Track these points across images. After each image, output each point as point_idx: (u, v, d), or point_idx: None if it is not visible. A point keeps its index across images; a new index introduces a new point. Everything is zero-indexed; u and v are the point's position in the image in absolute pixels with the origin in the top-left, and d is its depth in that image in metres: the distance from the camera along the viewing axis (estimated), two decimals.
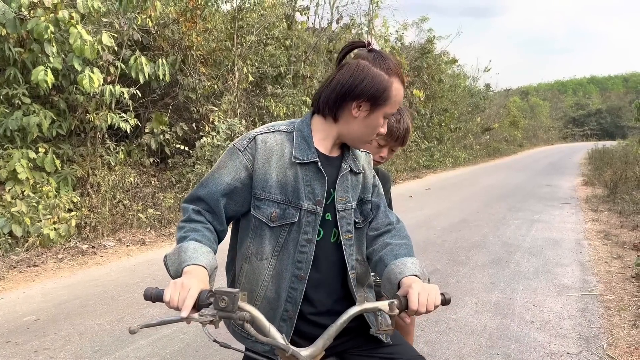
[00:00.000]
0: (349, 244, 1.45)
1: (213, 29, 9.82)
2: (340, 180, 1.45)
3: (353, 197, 1.49)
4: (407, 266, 1.34)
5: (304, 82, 11.95)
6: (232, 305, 1.06)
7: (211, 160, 8.46)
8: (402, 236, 1.51)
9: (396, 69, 1.38)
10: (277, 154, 1.37)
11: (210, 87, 9.50)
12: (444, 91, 21.39)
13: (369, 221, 1.56)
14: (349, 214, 1.46)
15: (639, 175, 11.99)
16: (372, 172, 1.61)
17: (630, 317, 4.06)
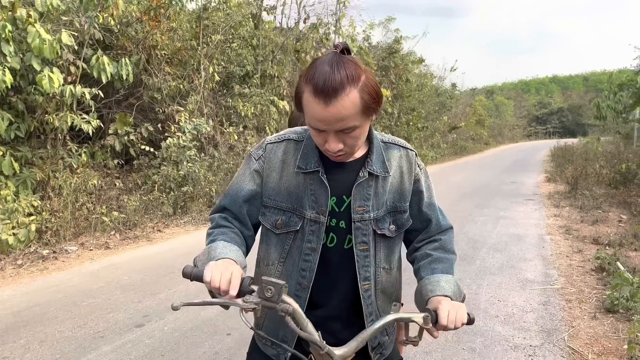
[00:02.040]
0: (363, 255, 1.38)
1: (178, 28, 9.68)
2: (358, 187, 1.36)
3: (376, 206, 1.39)
4: (440, 285, 1.33)
5: (271, 82, 11.90)
6: (277, 296, 1.08)
7: (177, 161, 8.34)
8: (446, 250, 1.46)
9: (314, 82, 1.17)
10: (285, 163, 1.39)
11: (176, 87, 9.36)
12: (411, 90, 21.64)
13: (412, 230, 1.49)
14: (366, 225, 1.38)
15: (599, 172, 12.38)
16: (414, 176, 1.46)
17: (590, 309, 4.19)
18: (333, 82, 1.15)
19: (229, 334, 3.73)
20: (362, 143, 1.33)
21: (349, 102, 1.17)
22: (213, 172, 9.18)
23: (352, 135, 1.24)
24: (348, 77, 1.16)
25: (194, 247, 6.31)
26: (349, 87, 1.16)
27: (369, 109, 1.22)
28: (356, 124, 1.21)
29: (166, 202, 7.96)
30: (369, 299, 1.41)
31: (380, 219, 1.39)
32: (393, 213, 1.42)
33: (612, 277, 4.73)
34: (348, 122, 1.19)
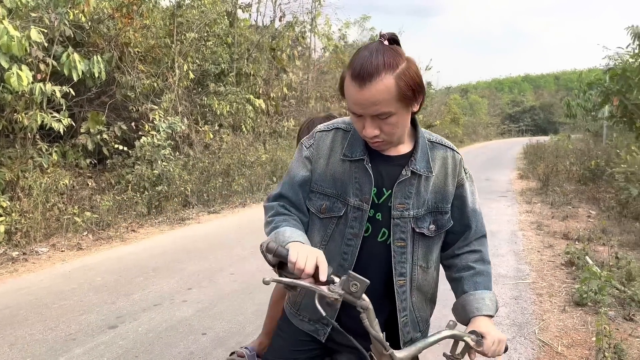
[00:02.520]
0: (400, 251, 1.41)
1: (151, 25, 9.56)
2: (400, 185, 1.39)
3: (417, 205, 1.41)
4: (485, 303, 1.41)
5: (247, 80, 11.85)
6: (360, 292, 1.13)
7: (151, 160, 8.23)
8: (485, 261, 1.50)
9: (352, 67, 1.25)
10: (332, 150, 1.45)
11: (150, 85, 9.23)
12: None
13: (452, 231, 1.51)
14: (405, 222, 1.40)
15: (569, 169, 12.66)
16: (459, 179, 1.47)
17: (560, 303, 4.29)
18: (369, 66, 1.21)
19: (205, 333, 3.70)
20: (401, 133, 1.35)
21: (383, 87, 1.21)
22: (188, 171, 9.10)
23: (388, 122, 1.28)
24: (385, 64, 1.21)
25: (169, 246, 6.24)
26: (385, 73, 1.21)
27: (406, 98, 1.25)
28: (391, 110, 1.24)
29: (140, 202, 7.86)
30: (403, 295, 1.43)
31: (420, 218, 1.41)
32: (434, 213, 1.44)
33: (581, 271, 4.85)
34: (382, 107, 1.23)
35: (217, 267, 5.31)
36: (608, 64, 11.76)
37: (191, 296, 4.47)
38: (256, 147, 11.17)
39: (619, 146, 10.59)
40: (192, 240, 6.56)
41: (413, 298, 1.46)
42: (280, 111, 13.17)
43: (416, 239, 1.42)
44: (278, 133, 12.74)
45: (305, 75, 14.92)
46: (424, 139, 1.44)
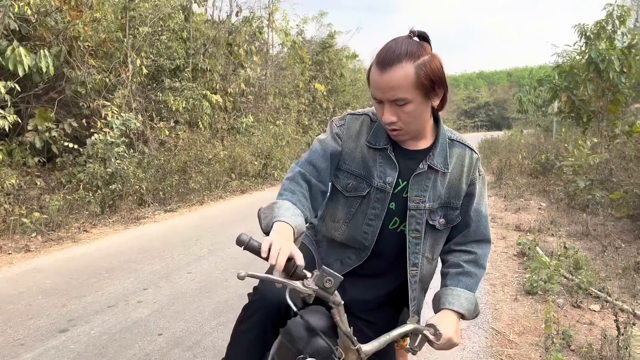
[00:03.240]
0: (414, 242, 1.48)
1: (102, 18, 9.25)
2: (416, 178, 1.46)
3: (432, 198, 1.47)
4: (459, 300, 1.45)
5: (204, 76, 11.65)
6: (333, 288, 1.15)
7: (104, 158, 7.98)
8: (478, 264, 1.53)
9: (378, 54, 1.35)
10: (360, 134, 1.52)
11: (101, 80, 8.94)
12: (346, 85, 21.89)
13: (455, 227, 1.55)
14: (421, 214, 1.46)
15: (521, 163, 13.07)
16: (472, 178, 1.52)
17: (512, 292, 4.43)
18: (392, 53, 1.30)
19: (161, 334, 3.63)
20: (419, 125, 1.41)
21: (402, 73, 1.29)
22: (143, 169, 8.88)
23: (405, 110, 1.34)
24: (407, 52, 1.29)
25: (123, 246, 6.08)
26: (406, 61, 1.29)
27: (424, 88, 1.31)
28: (407, 96, 1.31)
29: (93, 201, 7.62)
30: (415, 285, 1.50)
31: (434, 211, 1.48)
32: (445, 207, 1.50)
33: (531, 261, 5.02)
34: (399, 93, 1.30)
35: (174, 267, 5.21)
36: (557, 61, 12.21)
37: (147, 296, 4.37)
38: (214, 144, 11.01)
39: (567, 140, 11.01)
40: (148, 240, 6.41)
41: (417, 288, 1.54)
42: (238, 107, 13.02)
43: (427, 231, 1.49)
44: (236, 129, 12.60)
45: (264, 71, 14.81)
46: (444, 136, 1.50)
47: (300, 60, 16.17)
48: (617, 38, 10.19)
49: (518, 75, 77.61)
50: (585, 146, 8.43)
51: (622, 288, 4.34)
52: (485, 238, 1.56)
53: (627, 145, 7.98)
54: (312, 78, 17.70)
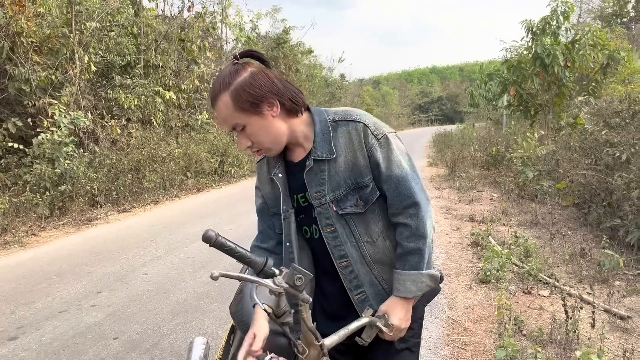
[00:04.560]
0: (331, 236, 1.45)
1: (46, 13, 8.89)
2: (309, 176, 1.44)
3: (333, 187, 1.42)
4: (405, 285, 1.42)
5: (156, 72, 11.38)
6: (303, 286, 1.16)
7: (52, 158, 7.68)
8: (417, 236, 1.41)
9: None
10: (266, 174, 1.56)
11: (47, 77, 8.60)
12: (301, 81, 21.87)
13: (383, 202, 1.46)
14: (326, 208, 1.43)
15: (474, 155, 13.42)
16: (368, 149, 1.41)
17: (467, 282, 4.55)
18: (213, 90, 1.36)
19: (116, 337, 3.54)
20: (275, 136, 1.40)
21: (222, 106, 1.34)
22: (94, 169, 8.60)
23: (250, 133, 1.37)
24: (221, 83, 1.34)
25: (75, 249, 5.88)
26: (222, 92, 1.33)
27: (247, 108, 1.33)
28: (238, 122, 1.34)
29: (41, 203, 7.32)
30: (350, 275, 1.47)
31: (342, 199, 1.43)
32: (356, 189, 1.43)
33: (484, 251, 5.17)
34: (230, 121, 1.35)
35: (129, 268, 5.08)
36: (505, 56, 12.59)
37: (101, 300, 4.24)
38: (168, 142, 10.78)
39: (516, 133, 11.37)
40: (101, 242, 6.22)
41: (375, 272, 1.48)
42: (192, 104, 12.79)
43: (348, 219, 1.44)
44: (191, 127, 12.38)
45: (218, 67, 14.60)
46: (323, 123, 1.45)
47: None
48: (561, 33, 10.58)
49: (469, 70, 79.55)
50: (533, 138, 8.72)
51: (570, 273, 4.54)
52: (410, 200, 1.41)
53: (572, 136, 8.33)
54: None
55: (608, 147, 6.28)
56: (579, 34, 10.29)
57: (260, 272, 1.25)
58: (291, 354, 1.36)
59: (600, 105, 7.54)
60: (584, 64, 10.07)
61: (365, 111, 1.56)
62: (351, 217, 1.44)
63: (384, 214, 1.48)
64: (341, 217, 1.44)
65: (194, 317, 3.86)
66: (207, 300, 4.18)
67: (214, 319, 3.79)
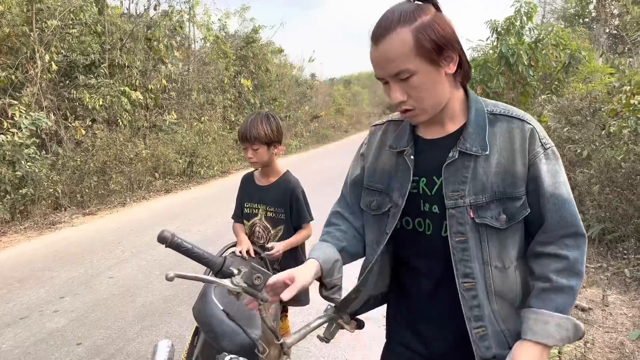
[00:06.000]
0: (460, 247, 1.19)
1: (5, 11, 8.59)
2: (449, 169, 1.20)
3: (475, 190, 1.17)
4: (545, 328, 1.13)
5: (122, 72, 11.14)
6: (262, 285, 1.14)
7: (13, 160, 7.44)
8: (572, 272, 1.16)
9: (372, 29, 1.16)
10: (382, 143, 1.36)
11: (7, 77, 8.32)
12: (272, 80, 21.75)
13: (530, 223, 1.22)
14: (461, 212, 1.18)
15: None
16: (531, 156, 1.17)
17: None
18: (384, 22, 1.11)
19: (80, 343, 3.45)
20: (436, 100, 1.16)
21: (398, 41, 1.09)
22: (57, 171, 8.37)
23: (412, 85, 1.12)
24: (401, 17, 1.10)
25: (37, 254, 5.71)
26: (400, 27, 1.09)
27: (428, 53, 1.09)
28: (409, 67, 1.10)
29: (1, 207, 7.08)
30: (472, 300, 1.19)
31: (483, 206, 1.17)
32: (502, 200, 1.18)
33: None
34: (399, 64, 1.10)
35: (93, 272, 4.96)
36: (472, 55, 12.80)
37: (64, 305, 4.13)
38: (135, 143, 10.57)
39: None
40: (65, 245, 6.06)
41: (493, 306, 1.20)
42: (160, 104, 12.57)
43: (482, 232, 1.18)
44: (159, 127, 12.17)
45: (186, 66, 14.40)
46: (480, 112, 1.22)
47: (224, 55, 15.86)
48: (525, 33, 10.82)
49: None
50: None
51: None
52: (573, 229, 1.17)
53: None
54: (238, 73, 17.43)
55: (570, 144, 6.45)
56: (542, 34, 10.54)
57: (218, 272, 1.23)
58: (252, 353, 1.35)
59: (563, 104, 7.73)
60: (547, 63, 10.32)
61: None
62: (486, 231, 1.18)
63: (523, 238, 1.23)
64: (477, 228, 1.18)
65: (161, 320, 3.79)
66: (175, 303, 4.12)
67: (181, 322, 3.73)
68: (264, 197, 2.46)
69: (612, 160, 5.35)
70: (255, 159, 2.33)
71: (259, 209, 2.46)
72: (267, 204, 2.45)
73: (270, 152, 2.36)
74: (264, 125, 2.29)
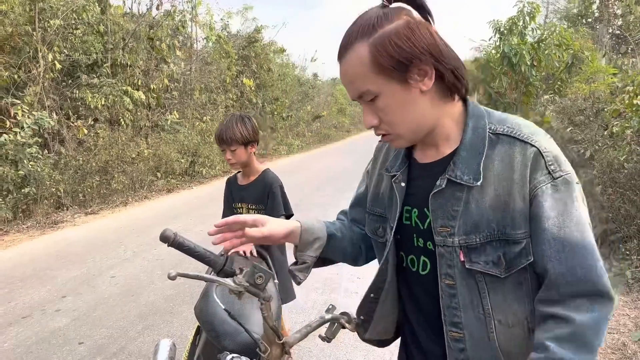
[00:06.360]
0: (448, 292, 1.00)
1: (9, 11, 8.61)
2: (437, 200, 1.00)
3: (466, 229, 0.96)
4: None
5: (124, 71, 11.16)
6: (264, 284, 1.14)
7: (15, 159, 7.45)
8: (578, 344, 0.86)
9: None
10: (385, 162, 1.19)
11: (9, 77, 8.34)
12: (274, 80, 21.77)
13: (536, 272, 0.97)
14: (450, 253, 0.98)
15: None
16: (532, 187, 0.93)
17: None
18: (345, 35, 0.95)
19: (82, 342, 3.45)
20: (412, 121, 0.97)
21: (355, 59, 0.93)
22: (60, 170, 8.39)
23: (379, 107, 0.96)
24: (360, 29, 0.92)
25: (39, 253, 5.72)
26: (358, 41, 0.92)
27: (387, 71, 0.91)
28: (370, 88, 0.94)
29: (4, 206, 7.09)
30: (459, 354, 1.01)
31: (477, 249, 0.96)
32: (501, 242, 0.94)
33: None
34: (359, 86, 0.95)
35: (95, 272, 4.97)
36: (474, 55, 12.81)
37: (66, 304, 4.14)
38: (137, 142, 10.59)
39: None
40: (67, 245, 6.07)
41: None
42: (162, 104, 12.59)
43: (480, 280, 0.97)
44: (161, 127, 12.19)
45: (188, 66, 14.41)
46: (479, 132, 0.99)
47: (227, 55, 15.88)
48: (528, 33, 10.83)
49: None
50: None
51: None
52: (587, 287, 0.89)
53: None
54: (240, 73, 17.45)
55: (573, 144, 6.44)
56: (545, 34, 10.53)
57: (220, 271, 1.23)
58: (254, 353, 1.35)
59: (566, 104, 7.72)
60: (549, 63, 10.32)
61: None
62: (484, 278, 0.97)
63: (532, 292, 0.98)
64: (469, 274, 0.98)
65: (163, 320, 3.79)
66: (177, 302, 4.12)
67: (183, 321, 3.73)
68: (245, 195, 2.55)
69: (614, 160, 5.34)
70: (234, 160, 2.40)
71: (242, 208, 2.56)
72: (248, 202, 2.54)
73: (248, 152, 2.43)
74: (240, 126, 2.36)
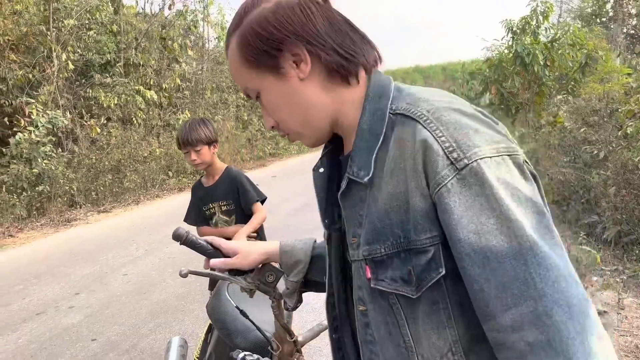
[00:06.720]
0: (362, 321, 0.80)
1: (24, 11, 8.72)
2: (345, 204, 0.81)
3: (370, 237, 0.74)
4: None
5: (137, 71, 11.25)
6: (275, 282, 1.16)
7: (30, 158, 7.55)
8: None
9: None
10: None
11: (24, 76, 8.45)
12: None
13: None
14: (358, 270, 0.79)
15: None
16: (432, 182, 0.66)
17: None
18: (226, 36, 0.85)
19: (94, 339, 3.49)
20: (297, 118, 0.82)
21: (231, 55, 0.82)
22: (73, 169, 8.48)
23: (265, 105, 0.83)
24: (232, 22, 0.82)
25: (53, 250, 5.79)
26: (231, 35, 0.81)
27: (255, 64, 0.79)
28: (248, 85, 0.82)
29: (18, 204, 7.19)
30: None
31: (383, 261, 0.73)
32: (409, 252, 0.70)
33: None
34: (240, 84, 0.84)
35: (108, 269, 5.02)
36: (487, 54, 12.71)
37: (79, 301, 4.18)
38: (149, 141, 10.67)
39: None
40: (80, 242, 6.13)
41: None
42: (174, 103, 12.68)
43: (393, 302, 0.74)
44: (172, 126, 12.28)
45: (200, 65, 14.50)
46: (379, 113, 0.76)
47: None
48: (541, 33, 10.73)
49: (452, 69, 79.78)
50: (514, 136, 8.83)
51: None
52: (533, 309, 0.61)
53: (552, 134, 8.43)
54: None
55: (586, 145, 6.37)
56: (558, 33, 10.43)
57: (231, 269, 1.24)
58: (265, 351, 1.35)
59: (579, 104, 7.64)
60: (563, 63, 10.21)
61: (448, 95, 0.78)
62: (398, 301, 0.73)
63: (461, 313, 0.70)
64: (381, 296, 0.75)
65: (174, 318, 3.82)
66: (188, 300, 4.15)
67: (194, 319, 3.76)
68: (214, 194, 2.61)
69: (629, 161, 5.28)
70: (199, 160, 2.47)
71: (214, 207, 2.61)
72: (218, 200, 2.60)
73: (211, 151, 2.51)
74: (202, 127, 2.46)
